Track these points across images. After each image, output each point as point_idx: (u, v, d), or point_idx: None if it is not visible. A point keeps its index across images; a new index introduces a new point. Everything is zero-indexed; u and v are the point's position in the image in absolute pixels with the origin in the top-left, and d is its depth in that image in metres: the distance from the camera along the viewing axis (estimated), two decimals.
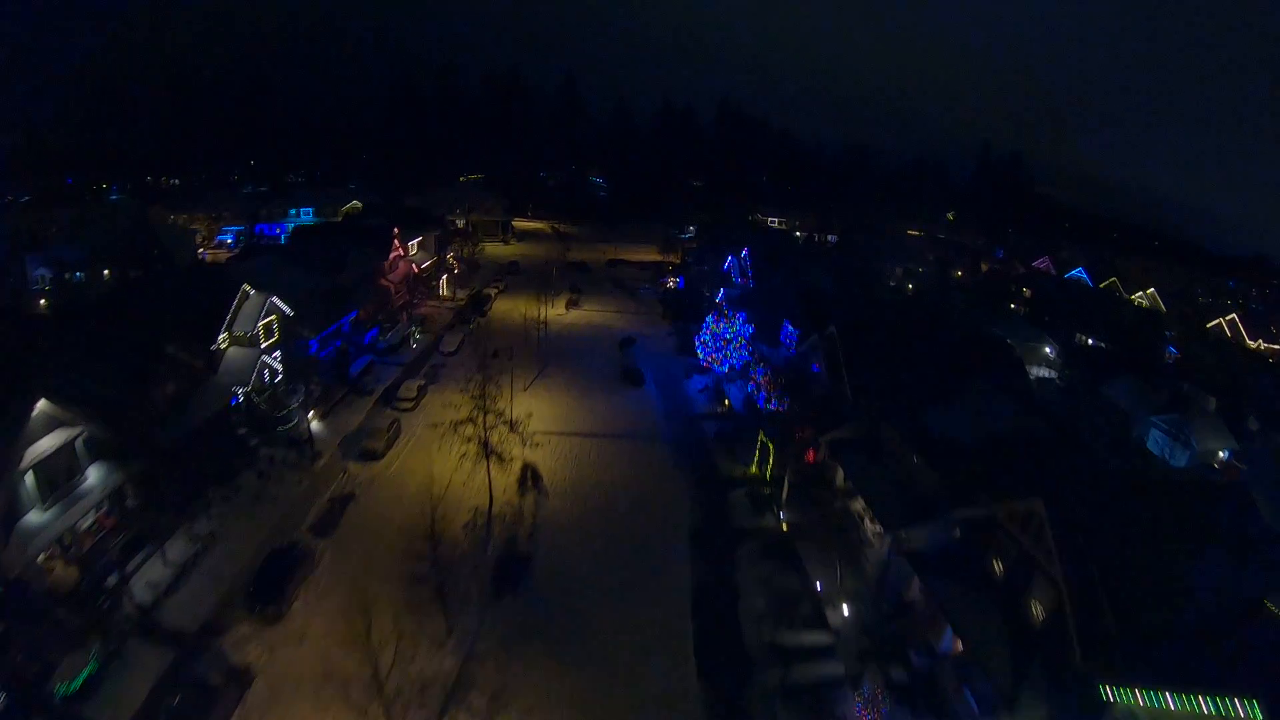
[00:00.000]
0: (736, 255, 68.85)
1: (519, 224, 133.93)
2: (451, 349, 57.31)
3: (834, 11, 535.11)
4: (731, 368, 50.67)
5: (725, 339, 49.98)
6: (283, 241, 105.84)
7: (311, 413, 44.70)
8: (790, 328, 47.79)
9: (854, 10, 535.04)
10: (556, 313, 71.43)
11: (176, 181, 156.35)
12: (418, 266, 71.26)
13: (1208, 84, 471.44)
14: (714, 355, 50.65)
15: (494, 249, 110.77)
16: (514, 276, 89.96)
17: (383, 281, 64.50)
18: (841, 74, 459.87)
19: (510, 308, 73.15)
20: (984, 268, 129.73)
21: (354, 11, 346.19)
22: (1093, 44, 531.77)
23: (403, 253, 69.74)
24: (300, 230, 67.87)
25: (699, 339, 52.47)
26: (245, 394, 41.71)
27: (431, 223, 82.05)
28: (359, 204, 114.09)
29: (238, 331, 43.72)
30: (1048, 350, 73.11)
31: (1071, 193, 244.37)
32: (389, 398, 47.90)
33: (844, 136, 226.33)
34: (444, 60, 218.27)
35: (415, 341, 59.09)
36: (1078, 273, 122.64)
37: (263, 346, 45.07)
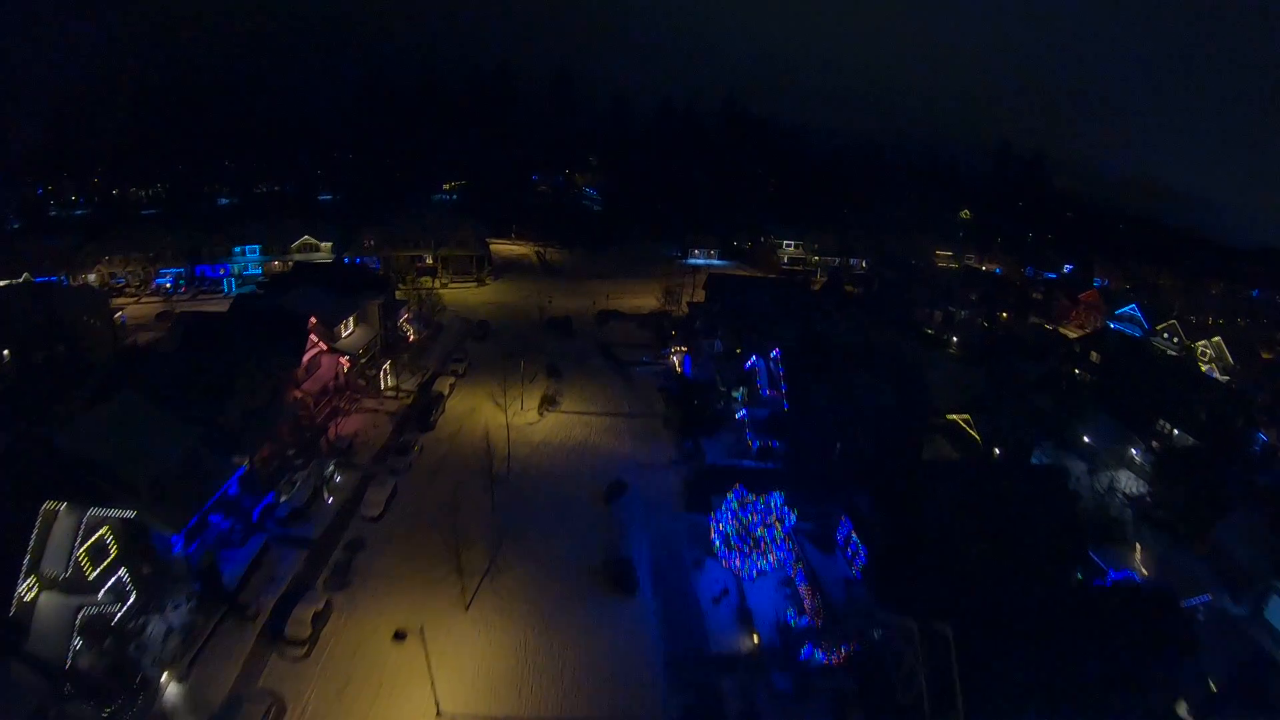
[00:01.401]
0: (764, 357, 54.90)
1: (499, 248, 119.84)
2: (376, 512, 43.80)
3: (836, 8, 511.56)
4: (762, 571, 37.58)
5: (755, 535, 36.73)
6: (228, 289, 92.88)
7: (166, 674, 31.64)
8: (853, 534, 34.51)
9: (856, 7, 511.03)
10: (526, 420, 57.88)
11: (146, 194, 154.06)
12: (348, 360, 57.39)
13: (1207, 78, 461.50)
14: (739, 558, 37.44)
15: (465, 294, 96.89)
16: (481, 344, 76.45)
17: (296, 394, 50.79)
18: (845, 69, 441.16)
19: (468, 410, 59.81)
20: (1031, 295, 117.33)
21: (332, 8, 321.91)
22: (1092, 38, 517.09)
23: (325, 347, 55.73)
24: (190, 326, 53.27)
25: (715, 521, 39.33)
26: (66, 668, 28.50)
27: (375, 286, 68.02)
28: (311, 239, 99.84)
29: (48, 571, 30.44)
30: (1134, 453, 61.80)
31: (1081, 186, 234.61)
32: (277, 624, 34.62)
33: (851, 130, 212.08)
34: (425, 57, 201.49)
35: (330, 492, 45.44)
36: (1130, 309, 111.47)
37: (90, 579, 31.86)
